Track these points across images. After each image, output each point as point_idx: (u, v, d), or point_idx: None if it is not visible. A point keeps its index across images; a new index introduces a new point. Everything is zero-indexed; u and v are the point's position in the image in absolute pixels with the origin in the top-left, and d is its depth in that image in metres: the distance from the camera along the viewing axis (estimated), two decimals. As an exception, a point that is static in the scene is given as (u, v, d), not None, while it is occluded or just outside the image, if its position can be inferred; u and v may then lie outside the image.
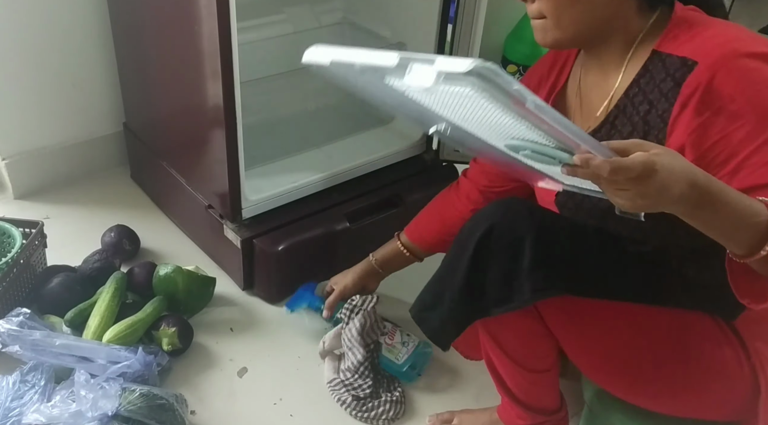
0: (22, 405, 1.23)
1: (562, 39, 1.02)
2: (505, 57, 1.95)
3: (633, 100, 1.02)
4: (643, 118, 0.99)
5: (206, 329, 1.53)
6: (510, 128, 0.77)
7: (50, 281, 1.50)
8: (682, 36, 0.97)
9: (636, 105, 1.01)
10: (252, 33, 1.72)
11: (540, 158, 0.80)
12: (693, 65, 0.93)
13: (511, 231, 1.00)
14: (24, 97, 1.79)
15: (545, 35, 1.02)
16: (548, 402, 1.22)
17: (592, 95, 1.09)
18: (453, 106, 0.75)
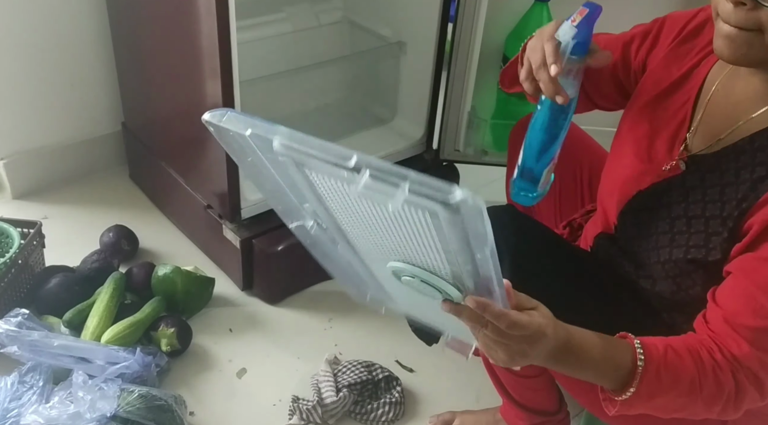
0: (21, 406, 1.23)
1: (761, 61, 0.84)
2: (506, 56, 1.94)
3: (755, 152, 0.87)
4: (754, 182, 0.86)
5: (205, 329, 1.53)
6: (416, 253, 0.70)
7: (48, 281, 1.49)
8: None
9: (750, 159, 0.88)
10: (251, 32, 1.72)
11: (423, 288, 0.74)
12: None
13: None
14: (22, 96, 1.78)
15: (744, 51, 0.82)
16: (546, 404, 1.21)
17: (720, 111, 0.94)
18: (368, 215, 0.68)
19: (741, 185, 0.88)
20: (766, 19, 0.78)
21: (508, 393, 1.20)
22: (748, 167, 0.88)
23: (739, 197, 0.88)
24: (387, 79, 1.86)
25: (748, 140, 0.89)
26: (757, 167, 0.87)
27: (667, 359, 0.83)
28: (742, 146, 0.90)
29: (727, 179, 0.90)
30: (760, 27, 0.79)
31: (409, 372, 1.48)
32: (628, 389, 0.84)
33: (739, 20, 0.80)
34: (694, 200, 0.94)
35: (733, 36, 0.82)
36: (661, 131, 1.01)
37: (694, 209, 0.94)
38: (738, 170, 0.89)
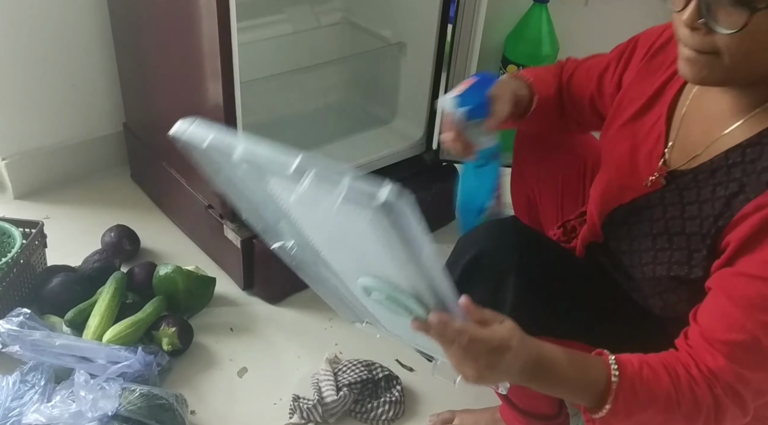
0: (22, 405, 1.23)
1: (729, 81, 0.85)
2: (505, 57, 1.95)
3: (729, 168, 0.88)
4: (727, 197, 0.86)
5: (206, 329, 1.53)
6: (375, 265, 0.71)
7: (50, 281, 1.50)
8: None
9: (725, 176, 0.88)
10: (252, 33, 1.72)
11: (391, 306, 0.75)
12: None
13: (495, 265, 1.01)
14: (24, 97, 1.78)
15: (705, 73, 0.83)
16: (546, 408, 1.22)
17: (695, 126, 0.94)
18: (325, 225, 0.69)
19: (717, 202, 0.88)
20: (721, 43, 0.79)
21: (507, 397, 1.21)
22: (724, 184, 0.88)
23: (716, 213, 0.88)
24: (387, 80, 1.86)
25: (723, 157, 0.89)
26: (731, 183, 0.87)
27: (643, 375, 0.83)
28: (717, 163, 0.90)
29: (704, 196, 0.91)
30: (716, 50, 0.80)
31: (409, 371, 1.48)
32: (604, 406, 0.83)
33: (696, 44, 0.81)
34: (673, 216, 0.95)
35: (693, 59, 0.83)
36: (640, 146, 1.02)
37: (674, 226, 0.94)
38: (714, 187, 0.90)
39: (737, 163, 0.87)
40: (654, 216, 0.98)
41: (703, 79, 0.85)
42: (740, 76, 0.84)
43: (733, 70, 0.82)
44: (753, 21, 0.76)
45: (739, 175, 0.86)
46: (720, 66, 0.81)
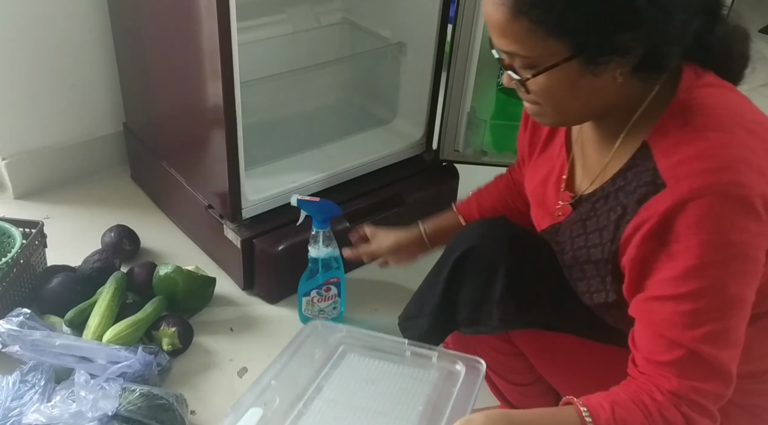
0: (22, 405, 1.23)
1: (565, 122, 0.97)
2: (505, 57, 1.94)
3: (616, 193, 0.92)
4: (616, 221, 0.90)
5: (206, 329, 1.53)
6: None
7: (50, 281, 1.50)
8: (672, 133, 0.85)
9: (614, 201, 0.92)
10: (252, 33, 1.72)
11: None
12: (660, 187, 0.83)
13: (487, 257, 1.02)
14: (24, 97, 1.79)
15: (543, 119, 0.94)
16: None
17: (591, 153, 1.00)
18: None
19: (611, 226, 0.91)
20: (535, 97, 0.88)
21: (504, 398, 1.21)
22: (614, 209, 0.91)
23: (611, 238, 0.91)
24: (387, 80, 1.86)
25: (610, 182, 0.92)
26: (618, 207, 0.90)
27: (616, 418, 0.83)
28: (607, 189, 0.93)
29: (602, 223, 0.93)
30: (536, 102, 0.90)
31: (409, 371, 1.48)
32: None
33: (524, 98, 0.92)
34: (579, 247, 0.97)
35: (530, 109, 0.93)
36: (549, 176, 1.06)
37: (581, 255, 0.96)
38: (608, 213, 0.92)
39: (621, 187, 0.91)
40: (564, 248, 1.00)
41: (546, 122, 0.95)
42: (575, 118, 0.93)
43: (561, 115, 0.91)
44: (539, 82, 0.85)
45: (622, 198, 0.90)
46: (549, 113, 0.90)
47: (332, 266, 1.48)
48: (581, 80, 0.84)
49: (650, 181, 0.84)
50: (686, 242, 0.80)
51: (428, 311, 1.08)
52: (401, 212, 1.70)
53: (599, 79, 0.84)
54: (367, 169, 1.71)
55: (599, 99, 0.88)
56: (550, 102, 0.88)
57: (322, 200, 1.42)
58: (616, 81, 0.84)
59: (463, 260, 1.03)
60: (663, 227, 0.82)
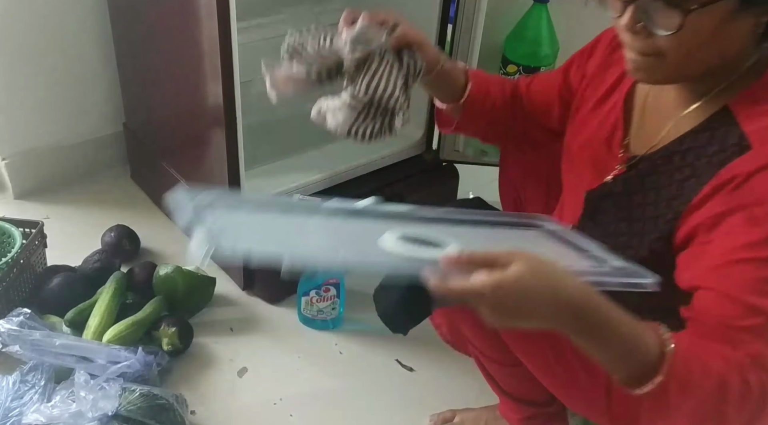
0: (22, 405, 1.23)
1: (673, 79, 0.89)
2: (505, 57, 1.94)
3: (684, 154, 0.90)
4: (680, 182, 0.88)
5: (206, 329, 1.53)
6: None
7: (50, 281, 1.50)
8: (762, 102, 0.84)
9: (681, 162, 0.90)
10: (252, 33, 1.72)
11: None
12: (746, 148, 0.81)
13: None
14: (24, 96, 1.78)
15: (651, 75, 0.88)
16: (535, 395, 1.21)
17: (652, 115, 0.97)
18: None
19: (673, 186, 0.90)
20: (662, 45, 0.82)
21: (498, 385, 1.21)
22: (680, 169, 0.90)
23: (669, 197, 0.89)
24: (387, 80, 1.86)
25: (677, 142, 0.91)
26: (685, 168, 0.89)
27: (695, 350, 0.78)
28: (672, 148, 0.92)
29: (663, 182, 0.92)
30: (659, 52, 0.83)
31: (409, 371, 1.48)
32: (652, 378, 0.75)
33: (639, 47, 0.85)
34: (639, 204, 0.96)
35: (639, 62, 0.87)
36: (601, 135, 1.04)
37: (636, 212, 0.95)
38: (672, 172, 0.91)
39: (691, 148, 0.89)
40: (619, 203, 0.99)
41: (651, 79, 0.90)
42: (687, 73, 0.87)
43: (678, 69, 0.85)
44: (688, 21, 0.78)
45: (692, 159, 0.88)
46: (665, 66, 0.85)
47: None
48: (726, 25, 0.79)
49: (736, 143, 0.83)
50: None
51: (399, 284, 1.10)
52: (401, 212, 1.70)
53: (741, 26, 0.80)
54: (367, 169, 1.71)
55: (725, 53, 0.83)
56: (684, 49, 0.81)
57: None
58: (753, 33, 0.80)
59: None
60: (746, 190, 0.80)
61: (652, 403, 0.78)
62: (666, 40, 0.81)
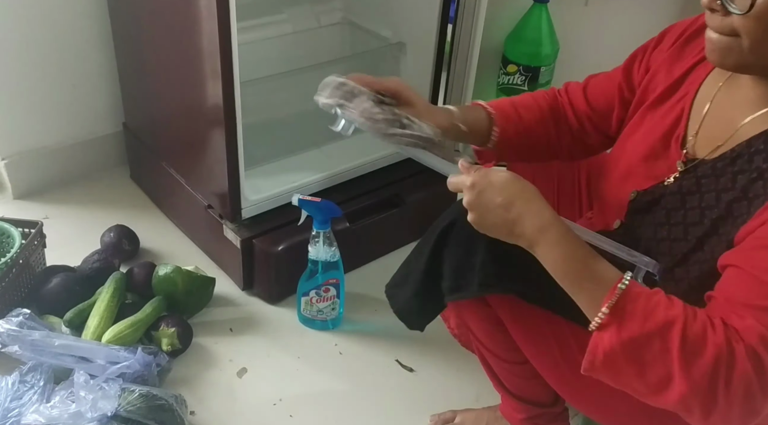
0: (22, 406, 1.23)
1: (752, 65, 0.86)
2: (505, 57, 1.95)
3: (751, 156, 0.88)
4: (744, 186, 0.87)
5: (206, 329, 1.53)
6: None
7: (49, 281, 1.49)
8: None
9: (748, 165, 0.88)
10: (252, 33, 1.72)
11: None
12: None
13: (470, 227, 1.01)
14: (23, 96, 1.78)
15: (727, 56, 0.85)
16: (540, 395, 1.21)
17: (720, 116, 0.95)
18: None
19: (735, 190, 0.88)
20: (738, 25, 0.81)
21: (502, 384, 1.21)
22: (746, 172, 0.88)
23: (731, 198, 0.88)
24: (387, 80, 1.86)
25: (745, 144, 0.90)
26: (753, 172, 0.87)
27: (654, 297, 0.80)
28: (738, 150, 0.90)
29: (723, 184, 0.91)
30: (735, 32, 0.82)
31: (409, 371, 1.48)
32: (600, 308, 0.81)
33: (716, 26, 0.84)
34: (692, 207, 0.94)
35: (715, 41, 0.86)
36: (661, 131, 1.02)
37: (692, 216, 0.94)
38: (735, 175, 0.89)
39: (759, 150, 0.87)
40: (672, 205, 0.97)
41: (726, 62, 0.86)
42: (762, 63, 0.84)
43: (754, 54, 0.83)
44: (760, 3, 0.78)
45: (760, 162, 0.86)
46: (740, 49, 0.83)
47: (332, 267, 1.48)
48: None
49: None
50: None
51: (413, 280, 1.10)
52: (401, 212, 1.69)
53: None
54: (367, 169, 1.71)
55: None
56: (760, 30, 0.80)
57: (323, 201, 1.42)
58: None
59: (449, 231, 1.05)
60: None
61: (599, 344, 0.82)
62: (741, 20, 0.80)
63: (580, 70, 2.00)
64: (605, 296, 0.82)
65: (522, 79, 1.93)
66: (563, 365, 1.05)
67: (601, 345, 0.82)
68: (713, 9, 0.83)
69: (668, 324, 0.78)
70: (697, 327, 0.78)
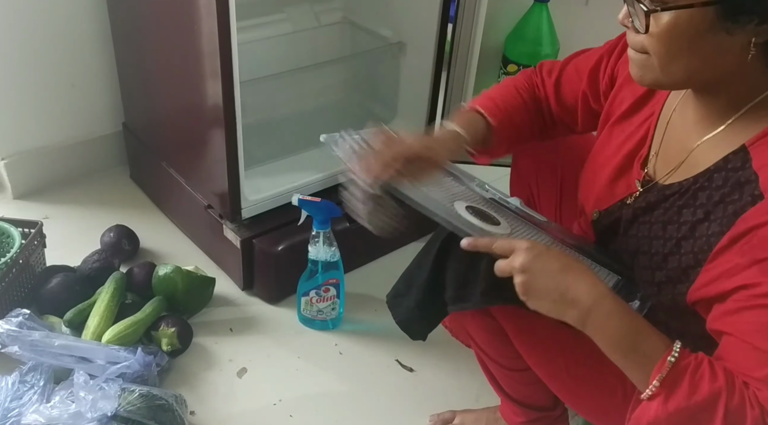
0: (21, 406, 1.23)
1: (663, 83, 0.87)
2: (505, 57, 1.94)
3: (696, 192, 0.89)
4: (692, 225, 0.88)
5: (206, 329, 1.53)
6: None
7: (49, 281, 1.49)
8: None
9: (695, 203, 0.89)
10: (252, 32, 1.72)
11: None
12: (758, 198, 0.80)
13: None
14: (23, 96, 1.78)
15: (643, 74, 0.86)
16: (540, 399, 1.21)
17: (676, 136, 0.96)
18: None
19: (682, 226, 0.90)
20: (646, 43, 0.82)
21: (501, 388, 1.21)
22: (690, 207, 0.89)
23: (679, 236, 0.89)
24: (387, 80, 1.86)
25: (692, 180, 0.90)
26: (697, 209, 0.88)
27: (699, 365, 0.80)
28: (686, 185, 0.91)
29: (668, 217, 0.92)
30: (645, 50, 0.84)
31: (409, 371, 1.48)
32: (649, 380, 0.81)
33: (631, 43, 0.86)
34: (641, 234, 0.96)
35: (632, 57, 0.87)
36: (626, 150, 1.03)
37: (642, 244, 0.95)
38: (680, 209, 0.90)
39: (704, 187, 0.88)
40: (629, 232, 0.99)
41: (645, 79, 0.87)
42: (675, 79, 0.85)
43: (663, 72, 0.84)
44: (656, 22, 0.79)
45: (704, 200, 0.88)
46: (652, 66, 0.84)
47: (332, 267, 1.47)
48: (709, 35, 0.77)
49: (750, 191, 0.81)
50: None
51: (416, 290, 1.09)
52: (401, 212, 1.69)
53: (728, 40, 0.77)
54: (367, 169, 1.71)
55: (716, 66, 0.81)
56: (663, 51, 0.81)
57: (324, 201, 1.42)
58: (744, 51, 0.78)
59: (451, 240, 1.03)
60: (761, 241, 0.78)
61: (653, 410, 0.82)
62: (647, 39, 0.82)
63: (581, 69, 2.00)
64: (655, 369, 0.82)
65: (522, 78, 1.93)
66: (565, 373, 1.05)
67: (647, 414, 0.83)
68: (626, 26, 0.85)
69: (714, 396, 0.79)
70: (737, 400, 0.79)
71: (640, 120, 1.02)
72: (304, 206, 1.42)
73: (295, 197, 1.41)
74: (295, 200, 1.41)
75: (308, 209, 1.43)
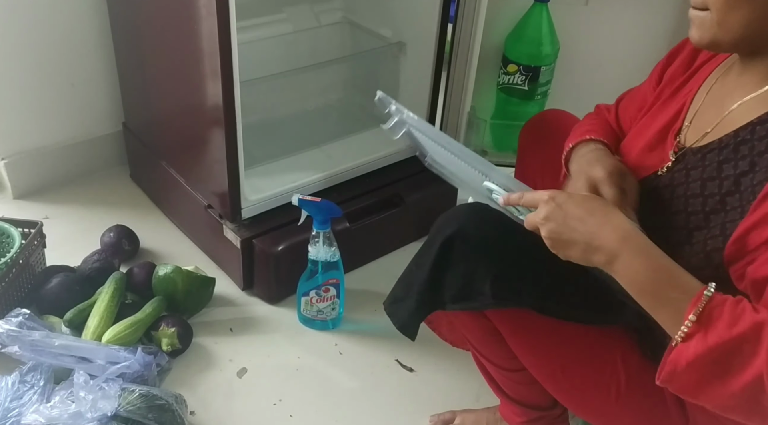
0: (21, 406, 1.23)
1: (722, 41, 0.87)
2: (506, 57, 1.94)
3: (737, 146, 0.88)
4: (736, 178, 0.87)
5: (206, 329, 1.53)
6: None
7: (49, 281, 1.49)
8: None
9: (737, 156, 0.88)
10: (252, 32, 1.72)
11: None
12: None
13: (477, 237, 1.02)
14: (23, 96, 1.78)
15: (703, 33, 0.87)
16: (539, 399, 1.21)
17: (711, 104, 0.96)
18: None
19: (725, 181, 0.89)
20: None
21: (500, 388, 1.21)
22: (731, 162, 0.88)
23: (723, 192, 0.88)
24: (387, 80, 1.86)
25: (732, 135, 0.90)
26: (739, 162, 0.88)
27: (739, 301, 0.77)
28: (725, 141, 0.91)
29: (708, 174, 0.91)
30: (705, 6, 0.86)
31: (409, 371, 1.48)
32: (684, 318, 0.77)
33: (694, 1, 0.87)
34: (678, 196, 0.95)
35: (692, 18, 0.88)
36: (661, 124, 1.04)
37: (677, 205, 0.94)
38: (720, 164, 0.90)
39: (746, 140, 0.87)
40: (664, 196, 0.97)
41: (701, 38, 0.88)
42: (733, 37, 0.86)
43: (721, 28, 0.85)
44: None
45: (747, 153, 0.87)
46: (711, 23, 0.85)
47: (332, 267, 1.48)
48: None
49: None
50: None
51: (416, 292, 1.08)
52: (401, 212, 1.69)
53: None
54: (367, 169, 1.71)
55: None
56: (723, 6, 0.83)
57: (324, 201, 1.42)
58: None
59: (452, 242, 1.03)
60: None
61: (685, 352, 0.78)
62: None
63: (581, 70, 2.01)
64: (690, 304, 0.79)
65: (522, 78, 1.93)
66: (560, 373, 1.05)
67: (685, 354, 0.79)
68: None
69: (757, 325, 0.75)
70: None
71: (678, 98, 1.03)
72: (304, 206, 1.42)
73: (295, 197, 1.41)
74: (295, 200, 1.41)
75: (308, 209, 1.43)
